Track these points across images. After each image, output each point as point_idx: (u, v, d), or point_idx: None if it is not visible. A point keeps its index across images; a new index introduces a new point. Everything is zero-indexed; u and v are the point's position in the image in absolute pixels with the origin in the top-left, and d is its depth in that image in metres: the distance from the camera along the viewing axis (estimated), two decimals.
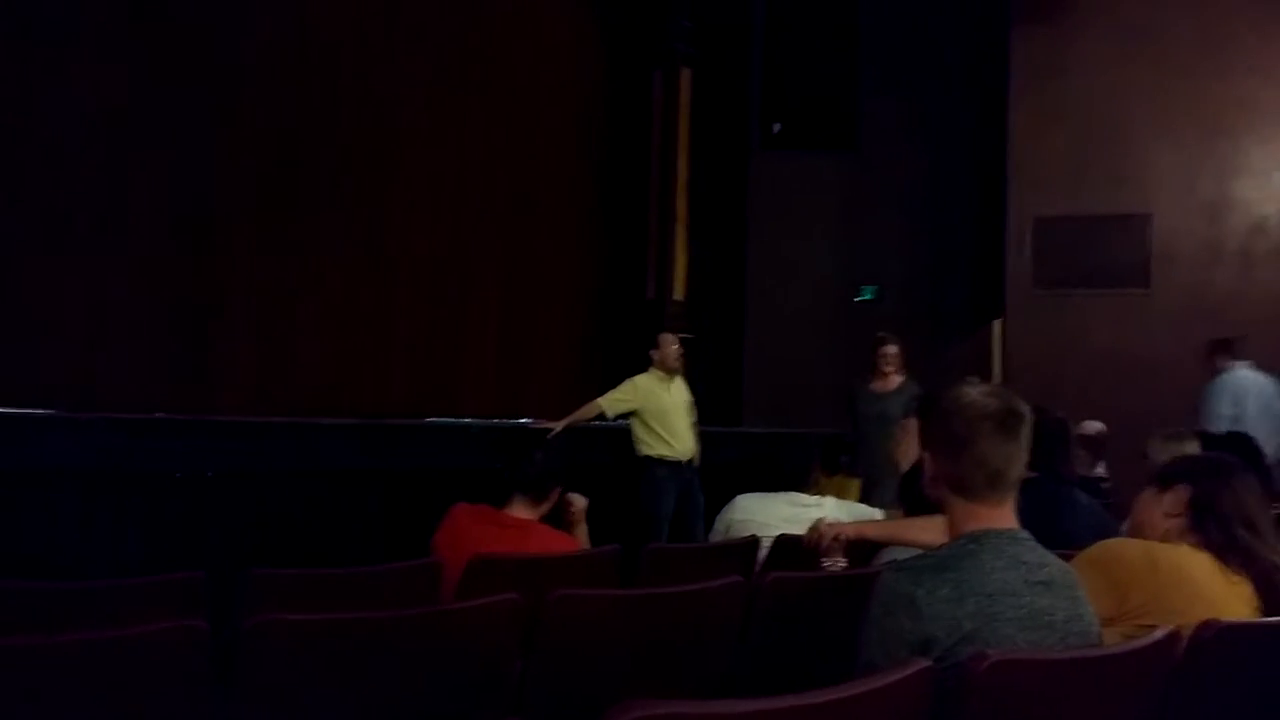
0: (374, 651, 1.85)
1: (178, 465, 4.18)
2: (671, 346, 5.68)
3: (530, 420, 5.89)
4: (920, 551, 2.53)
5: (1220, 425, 5.51)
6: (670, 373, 5.68)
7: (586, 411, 5.55)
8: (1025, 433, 1.66)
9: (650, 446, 5.55)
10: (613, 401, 5.56)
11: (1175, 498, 2.08)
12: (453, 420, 6.18)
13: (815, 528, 2.81)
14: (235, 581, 2.33)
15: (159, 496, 4.12)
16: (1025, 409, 1.67)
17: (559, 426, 5.32)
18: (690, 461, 5.66)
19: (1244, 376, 6.09)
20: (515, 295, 7.47)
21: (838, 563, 2.72)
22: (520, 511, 2.95)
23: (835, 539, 2.72)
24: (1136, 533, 2.18)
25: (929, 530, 2.56)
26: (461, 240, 7.12)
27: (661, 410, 5.56)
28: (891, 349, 5.80)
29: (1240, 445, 3.62)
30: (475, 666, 1.97)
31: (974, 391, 1.68)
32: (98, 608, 2.20)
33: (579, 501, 3.24)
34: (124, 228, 5.26)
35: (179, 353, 5.46)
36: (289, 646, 1.78)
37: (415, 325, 6.80)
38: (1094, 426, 6.17)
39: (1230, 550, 1.97)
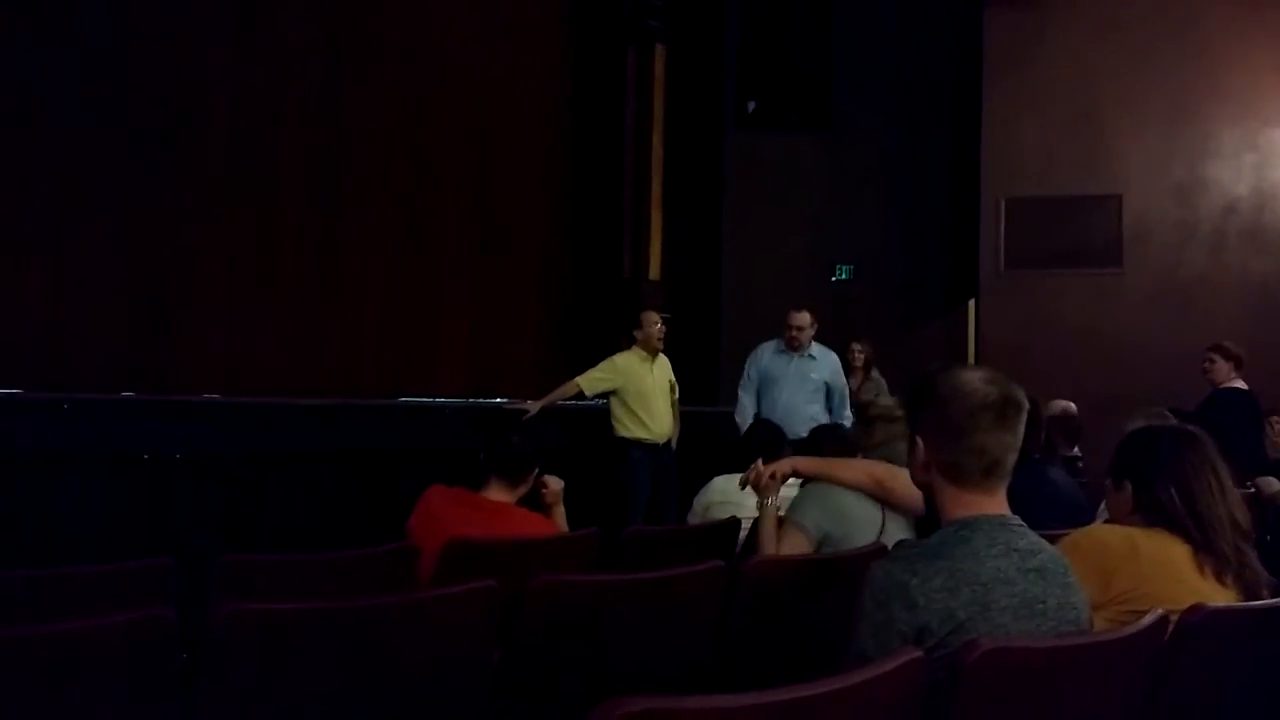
0: (349, 641, 1.80)
1: (145, 447, 4.10)
2: (654, 325, 5.65)
3: (506, 400, 5.84)
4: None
5: None
6: (652, 352, 5.64)
7: (564, 390, 5.50)
8: (1022, 422, 1.62)
9: (627, 428, 5.52)
10: (591, 381, 5.52)
11: (1125, 495, 2.05)
12: (427, 400, 6.11)
13: (752, 468, 2.85)
14: (205, 568, 2.27)
15: (126, 479, 4.04)
16: (1023, 397, 1.63)
17: (536, 407, 5.27)
18: (667, 443, 5.63)
19: None
20: (488, 274, 7.39)
21: (774, 503, 2.80)
22: (497, 494, 2.91)
23: (771, 476, 2.76)
24: (1115, 523, 2.16)
25: (861, 471, 2.74)
26: (433, 218, 7.02)
27: (640, 391, 5.52)
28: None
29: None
30: (453, 655, 1.93)
31: (973, 378, 1.63)
32: (63, 596, 2.14)
33: (555, 483, 3.19)
34: (88, 204, 5.14)
35: (146, 332, 5.35)
36: (260, 637, 1.73)
37: (387, 304, 6.71)
38: (1061, 405, 6.17)
39: (1190, 543, 1.94)
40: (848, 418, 5.56)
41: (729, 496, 3.44)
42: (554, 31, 7.99)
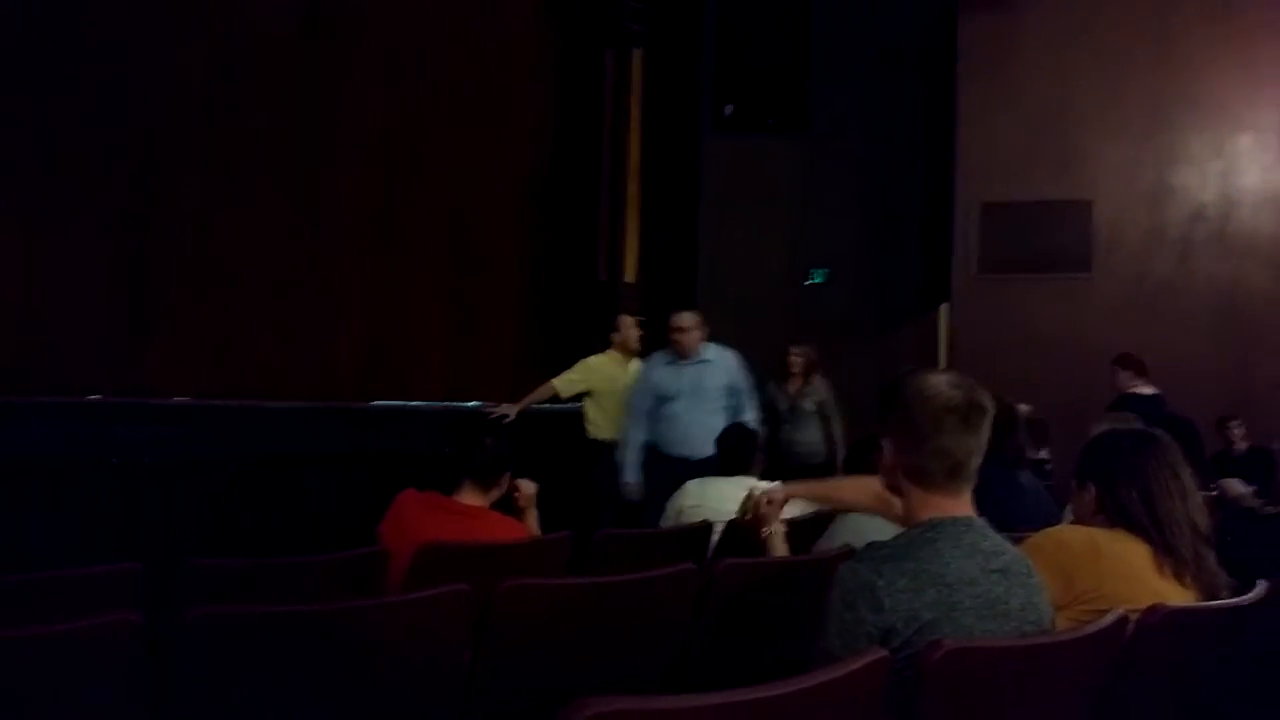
0: (318, 645, 1.80)
1: (114, 451, 4.06)
2: (632, 329, 5.68)
3: (482, 404, 5.84)
4: (866, 529, 2.58)
5: None
6: (630, 355, 5.66)
7: (541, 393, 5.52)
8: (986, 425, 1.65)
9: (601, 429, 5.53)
10: (566, 382, 5.54)
11: (1088, 496, 2.08)
12: (401, 404, 6.09)
13: (749, 496, 2.83)
14: (174, 573, 2.26)
15: (95, 484, 4.00)
16: (988, 401, 1.66)
17: (514, 411, 5.28)
18: None
19: None
20: (464, 277, 7.38)
21: (778, 529, 2.74)
22: (469, 498, 2.91)
23: (770, 503, 2.73)
24: (1079, 524, 2.19)
25: (860, 490, 2.62)
26: (409, 221, 7.01)
27: (615, 393, 5.53)
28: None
29: (1172, 424, 3.65)
30: (424, 658, 1.93)
31: (938, 382, 1.66)
32: (30, 602, 2.13)
33: (527, 487, 3.19)
34: (60, 207, 5.09)
35: (118, 335, 5.31)
36: (229, 640, 1.73)
37: (363, 307, 6.69)
38: (1024, 409, 6.24)
39: (1150, 545, 1.97)
40: (753, 420, 5.02)
41: (702, 500, 3.46)
42: (532, 35, 7.99)
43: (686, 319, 5.11)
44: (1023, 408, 6.13)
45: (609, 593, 2.15)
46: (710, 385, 5.06)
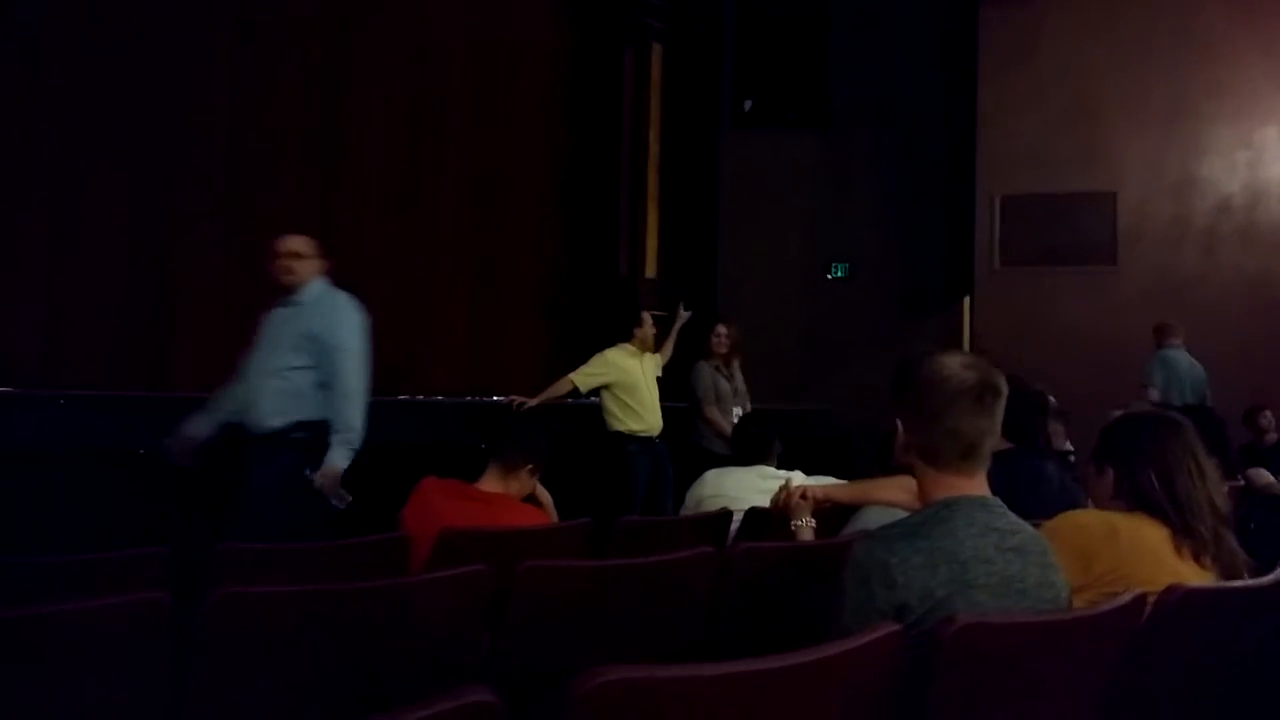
0: (338, 624, 1.83)
1: (142, 442, 4.12)
2: (651, 327, 5.73)
3: (505, 398, 5.88)
4: (891, 519, 2.56)
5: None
6: (645, 349, 5.71)
7: (559, 388, 5.54)
8: (1000, 407, 1.65)
9: (621, 421, 5.56)
10: (585, 376, 5.56)
11: (1106, 480, 2.07)
12: (424, 398, 6.14)
13: (783, 489, 2.82)
14: (200, 557, 2.30)
15: (123, 473, 4.06)
16: (1002, 383, 1.66)
17: (532, 403, 5.32)
18: (660, 435, 5.68)
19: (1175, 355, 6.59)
20: (485, 272, 7.42)
21: (808, 522, 2.72)
22: (490, 485, 2.94)
23: (803, 498, 2.72)
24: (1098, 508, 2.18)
25: (898, 489, 2.57)
26: (431, 216, 7.06)
27: (633, 384, 5.56)
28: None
29: (1199, 415, 3.63)
30: (442, 639, 1.96)
31: (953, 362, 1.66)
32: (60, 583, 2.17)
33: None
34: (85, 203, 5.17)
35: (143, 329, 5.38)
36: (252, 620, 1.76)
37: (385, 302, 6.71)
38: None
39: (1169, 527, 1.96)
40: (350, 391, 3.62)
41: (721, 490, 3.47)
42: (552, 30, 8.02)
43: (286, 242, 3.69)
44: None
45: (627, 575, 2.17)
46: (287, 334, 3.64)
